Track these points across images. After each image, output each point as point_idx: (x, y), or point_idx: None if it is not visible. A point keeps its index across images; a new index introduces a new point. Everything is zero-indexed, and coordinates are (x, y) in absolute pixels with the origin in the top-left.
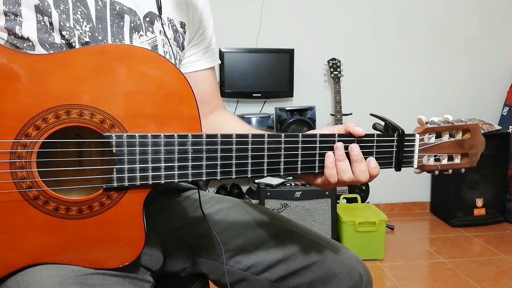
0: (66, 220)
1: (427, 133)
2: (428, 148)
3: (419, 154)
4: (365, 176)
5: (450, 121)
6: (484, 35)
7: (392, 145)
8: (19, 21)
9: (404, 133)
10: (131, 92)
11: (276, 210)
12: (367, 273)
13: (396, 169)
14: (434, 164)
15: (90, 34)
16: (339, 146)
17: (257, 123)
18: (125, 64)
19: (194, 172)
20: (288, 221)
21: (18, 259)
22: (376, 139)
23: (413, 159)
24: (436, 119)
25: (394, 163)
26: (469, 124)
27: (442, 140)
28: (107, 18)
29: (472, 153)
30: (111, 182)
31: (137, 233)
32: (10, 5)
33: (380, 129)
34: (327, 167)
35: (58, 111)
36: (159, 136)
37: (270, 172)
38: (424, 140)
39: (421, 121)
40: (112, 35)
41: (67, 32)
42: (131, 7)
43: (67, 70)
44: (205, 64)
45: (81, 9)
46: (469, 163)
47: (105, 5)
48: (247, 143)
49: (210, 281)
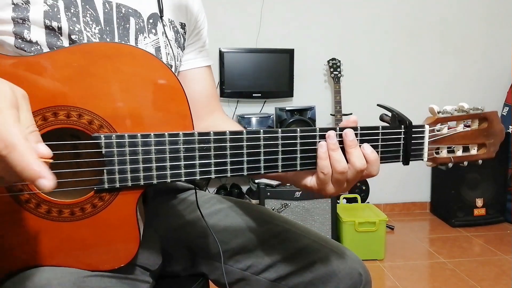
0: (59, 222)
1: (438, 123)
2: (440, 139)
3: (430, 146)
4: (361, 162)
5: (465, 109)
6: (484, 35)
7: (399, 137)
8: (28, 25)
9: (412, 125)
10: (118, 91)
11: (276, 210)
12: (366, 272)
13: (404, 163)
14: (447, 156)
15: (99, 36)
16: (331, 134)
17: (257, 123)
18: (111, 63)
19: (187, 172)
20: (288, 221)
21: (13, 263)
22: (382, 132)
23: (422, 152)
24: (449, 107)
25: (401, 156)
26: (487, 112)
27: (457, 131)
28: (114, 20)
29: (490, 143)
30: (102, 184)
31: (131, 234)
32: (19, 12)
33: (387, 121)
34: (320, 158)
35: (45, 113)
36: (149, 135)
37: (267, 169)
38: (436, 131)
39: (432, 111)
40: (119, 37)
41: (76, 36)
42: (136, 9)
43: (52, 70)
44: (201, 62)
45: (90, 12)
46: (487, 154)
47: (112, 8)
48: (241, 140)
49: (210, 281)
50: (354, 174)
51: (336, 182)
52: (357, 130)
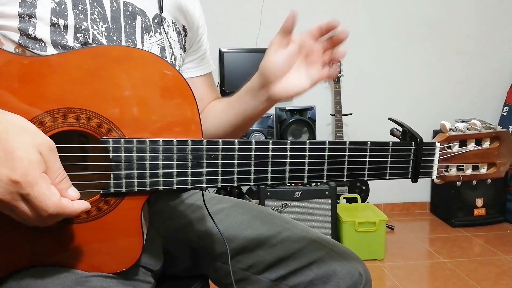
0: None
1: (450, 141)
2: (450, 157)
3: (440, 164)
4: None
5: (477, 127)
6: (484, 35)
7: (409, 154)
8: (33, 22)
9: (423, 142)
10: (128, 95)
11: (276, 210)
12: (366, 272)
13: (413, 179)
14: (456, 175)
15: (106, 34)
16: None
17: (257, 123)
18: (122, 66)
19: (193, 179)
20: (288, 221)
21: (17, 262)
22: (392, 148)
23: (432, 170)
24: (461, 125)
25: (410, 173)
26: (499, 131)
27: (467, 149)
28: (121, 18)
29: (500, 162)
30: (108, 188)
31: (135, 239)
32: (25, 7)
33: (398, 136)
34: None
35: (54, 114)
36: (158, 141)
37: (274, 180)
38: (446, 149)
39: (444, 128)
40: (126, 35)
41: (82, 34)
42: (142, 8)
43: (63, 72)
44: (202, 71)
45: (98, 9)
46: (497, 174)
47: (119, 6)
48: (250, 150)
49: (210, 281)
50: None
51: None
52: (367, 145)
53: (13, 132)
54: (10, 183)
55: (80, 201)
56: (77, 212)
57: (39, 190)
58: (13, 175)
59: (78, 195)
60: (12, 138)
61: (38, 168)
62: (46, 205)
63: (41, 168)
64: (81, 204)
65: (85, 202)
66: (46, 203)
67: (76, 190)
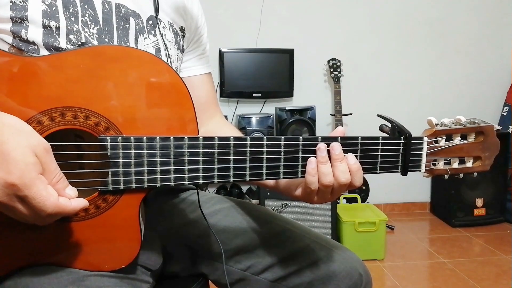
0: (62, 222)
1: (436, 135)
2: (437, 151)
3: (428, 157)
4: (345, 176)
5: (463, 122)
6: (484, 35)
7: (398, 148)
8: (26, 25)
9: (411, 136)
10: (126, 94)
11: (276, 210)
12: (366, 272)
13: (402, 173)
14: (443, 168)
15: (97, 36)
16: (322, 147)
17: (257, 123)
18: (120, 66)
19: (190, 176)
20: (288, 221)
21: (15, 261)
22: (382, 142)
23: (420, 163)
24: (447, 120)
25: (400, 167)
26: (483, 126)
27: (453, 143)
28: (113, 20)
29: (485, 156)
30: (106, 185)
31: (133, 236)
32: (17, 11)
33: (387, 131)
34: (309, 174)
35: (52, 113)
36: (155, 139)
37: (269, 176)
38: (433, 143)
39: (431, 123)
40: (118, 37)
41: (74, 35)
42: (135, 10)
43: (61, 71)
44: (201, 70)
45: (89, 12)
46: (482, 167)
47: (111, 8)
48: (245, 146)
49: (210, 281)
50: (338, 187)
51: (321, 194)
52: (358, 139)
53: (8, 134)
54: (7, 185)
55: (78, 199)
56: (76, 210)
57: (36, 192)
58: (9, 178)
59: (76, 193)
60: (7, 140)
61: (34, 170)
62: (45, 205)
63: (38, 170)
64: (79, 202)
65: (83, 200)
66: (44, 203)
67: (74, 188)
